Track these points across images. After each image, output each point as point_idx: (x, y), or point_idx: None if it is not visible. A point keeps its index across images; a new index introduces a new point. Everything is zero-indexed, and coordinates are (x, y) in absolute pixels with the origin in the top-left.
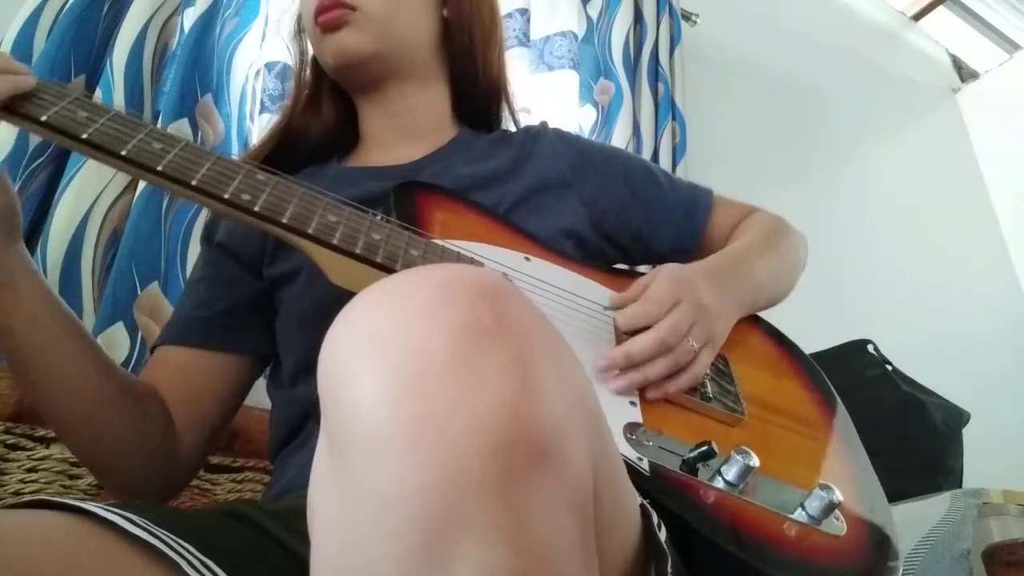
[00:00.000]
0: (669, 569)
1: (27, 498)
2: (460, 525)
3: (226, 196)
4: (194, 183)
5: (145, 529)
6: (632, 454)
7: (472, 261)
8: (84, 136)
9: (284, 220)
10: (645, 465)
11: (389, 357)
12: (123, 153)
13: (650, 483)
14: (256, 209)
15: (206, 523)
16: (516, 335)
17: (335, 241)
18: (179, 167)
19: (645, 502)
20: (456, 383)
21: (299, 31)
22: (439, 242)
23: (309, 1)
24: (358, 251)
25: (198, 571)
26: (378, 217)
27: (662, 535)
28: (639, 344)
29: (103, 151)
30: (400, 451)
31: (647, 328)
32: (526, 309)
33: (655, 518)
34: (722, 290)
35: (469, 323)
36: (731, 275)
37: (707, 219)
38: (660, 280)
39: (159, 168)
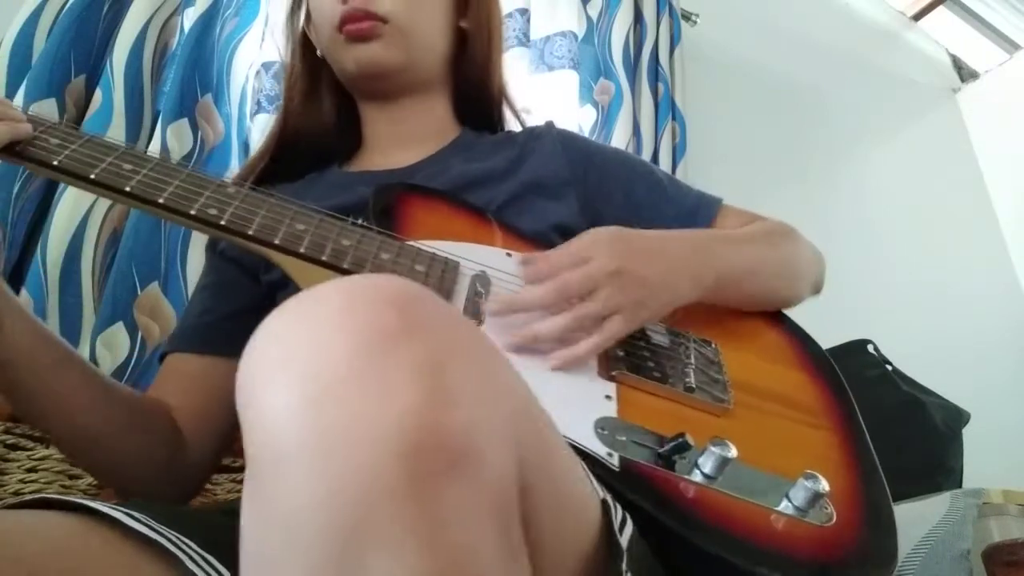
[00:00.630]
0: (624, 567)
1: (27, 498)
2: (371, 533)
3: (192, 212)
4: (161, 201)
5: (147, 526)
6: (601, 450)
7: (447, 261)
8: (55, 163)
9: (250, 232)
10: (615, 461)
11: (297, 369)
12: (92, 176)
13: (619, 479)
14: (222, 223)
15: (207, 520)
16: (425, 339)
17: (302, 249)
18: (147, 187)
19: (608, 497)
20: (362, 391)
21: (291, 18)
22: (414, 244)
23: (331, 6)
24: (324, 258)
25: (201, 568)
26: (360, 222)
27: (626, 531)
28: (524, 294)
29: (73, 176)
30: (308, 462)
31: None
32: (438, 313)
33: (617, 514)
34: (672, 260)
35: (374, 330)
36: (694, 248)
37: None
38: (579, 237)
39: (127, 189)
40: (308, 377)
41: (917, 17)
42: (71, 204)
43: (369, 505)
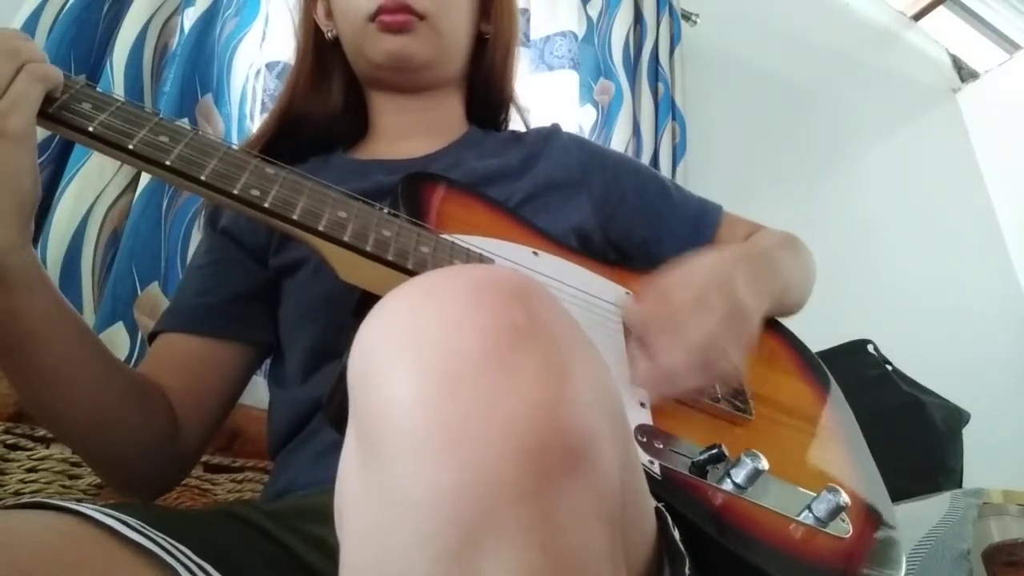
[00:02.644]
0: (687, 570)
1: (26, 499)
2: (492, 528)
3: (236, 192)
4: (203, 178)
5: (140, 532)
6: (644, 457)
7: (481, 257)
8: (90, 129)
9: (295, 216)
10: (656, 469)
11: (423, 358)
12: (130, 147)
13: (661, 486)
14: (266, 205)
15: (204, 524)
16: (549, 338)
17: (346, 238)
18: (188, 161)
19: (660, 505)
20: (491, 385)
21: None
22: (448, 238)
23: None
24: (368, 248)
25: (193, 574)
26: (384, 211)
27: (675, 537)
28: (680, 364)
29: (109, 145)
30: (434, 452)
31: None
32: (558, 312)
33: (669, 520)
34: (756, 282)
35: (503, 325)
36: (763, 265)
37: (714, 235)
38: (687, 271)
39: (167, 163)
40: (433, 368)
41: (917, 17)
42: (71, 204)
43: (492, 500)
